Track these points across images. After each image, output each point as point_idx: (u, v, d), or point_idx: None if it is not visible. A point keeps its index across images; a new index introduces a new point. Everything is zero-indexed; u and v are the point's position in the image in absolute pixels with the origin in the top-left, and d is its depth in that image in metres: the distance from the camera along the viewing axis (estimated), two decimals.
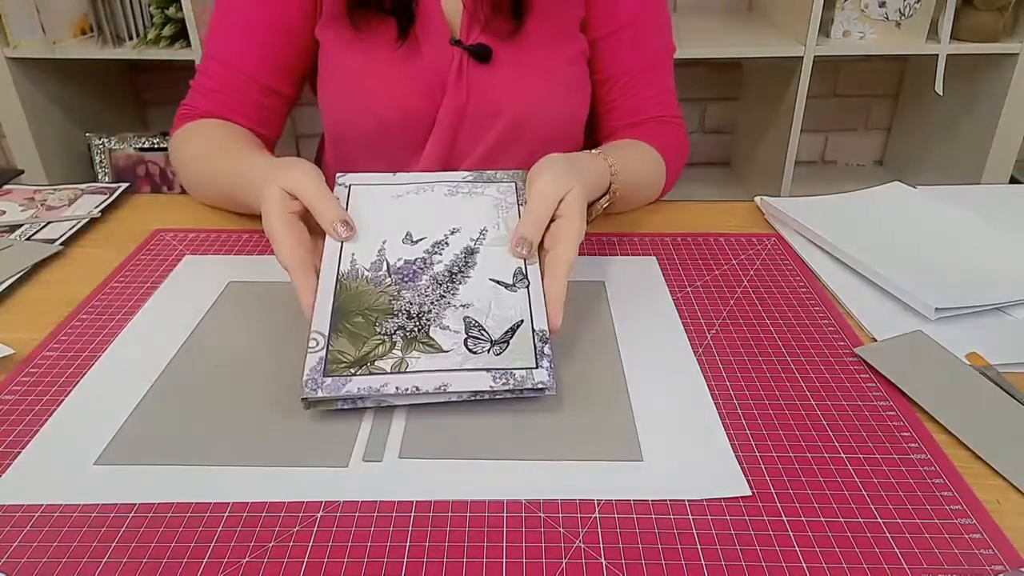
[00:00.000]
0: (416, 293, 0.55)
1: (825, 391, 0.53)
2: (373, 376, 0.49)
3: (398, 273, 0.56)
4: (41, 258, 0.70)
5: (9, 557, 0.40)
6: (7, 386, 0.53)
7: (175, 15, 1.62)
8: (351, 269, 0.56)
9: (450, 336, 0.52)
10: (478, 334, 0.52)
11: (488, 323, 0.53)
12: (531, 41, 0.80)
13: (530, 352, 0.51)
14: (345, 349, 0.51)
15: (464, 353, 0.51)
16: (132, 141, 1.87)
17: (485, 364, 0.50)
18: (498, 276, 0.56)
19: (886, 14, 1.65)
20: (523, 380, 0.50)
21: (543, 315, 0.53)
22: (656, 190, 0.81)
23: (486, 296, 0.55)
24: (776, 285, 0.66)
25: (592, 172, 0.65)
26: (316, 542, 0.41)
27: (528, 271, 0.56)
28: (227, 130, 0.79)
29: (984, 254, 0.69)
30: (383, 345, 0.51)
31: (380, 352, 0.51)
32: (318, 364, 0.50)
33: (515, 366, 0.50)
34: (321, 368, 0.50)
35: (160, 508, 0.43)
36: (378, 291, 0.55)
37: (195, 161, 0.78)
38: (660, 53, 0.85)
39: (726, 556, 0.40)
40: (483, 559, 0.40)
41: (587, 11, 0.82)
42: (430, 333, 0.52)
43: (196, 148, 0.79)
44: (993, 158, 1.71)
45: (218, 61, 0.81)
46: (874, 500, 0.44)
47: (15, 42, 1.67)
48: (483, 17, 0.79)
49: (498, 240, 0.59)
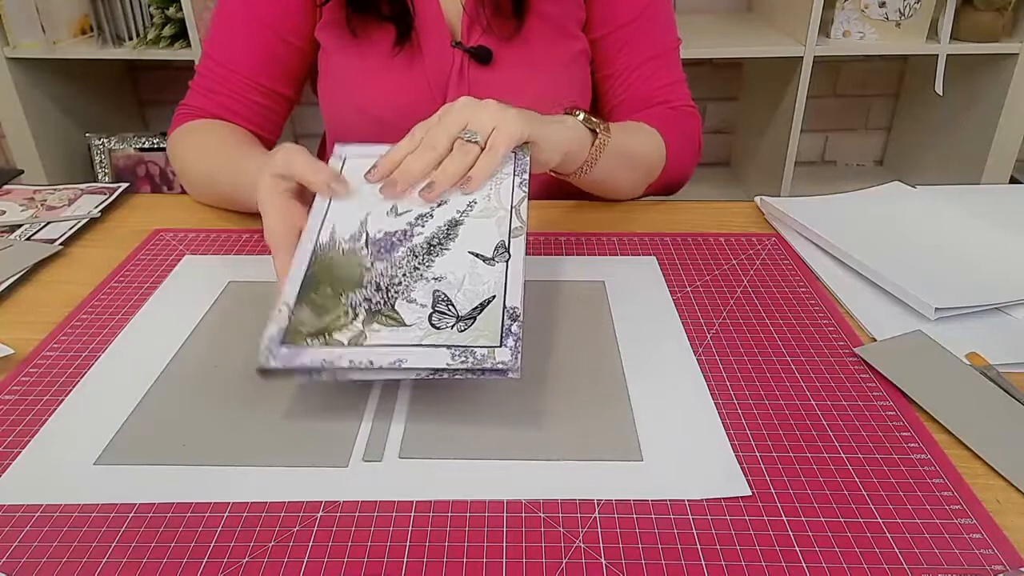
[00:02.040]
0: (389, 264, 0.54)
1: (825, 391, 0.53)
2: (328, 348, 0.48)
3: (375, 244, 0.55)
4: (41, 258, 0.70)
5: (9, 557, 0.40)
6: (7, 386, 0.53)
7: (175, 15, 1.62)
8: (329, 240, 0.55)
9: (415, 310, 0.51)
10: (445, 309, 0.51)
11: (458, 297, 0.51)
12: (531, 42, 0.80)
13: (496, 330, 0.49)
14: (306, 320, 0.50)
15: (426, 328, 0.49)
16: (132, 141, 1.87)
17: (445, 340, 0.48)
18: (478, 249, 0.55)
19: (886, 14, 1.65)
20: (483, 359, 0.47)
21: (518, 292, 0.51)
22: (648, 164, 0.79)
23: (461, 270, 0.53)
24: (776, 285, 0.66)
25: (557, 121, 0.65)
26: (316, 542, 0.41)
27: (511, 245, 0.54)
28: (225, 131, 0.79)
29: (984, 254, 0.69)
30: (344, 317, 0.50)
31: (340, 324, 0.50)
32: (277, 333, 0.49)
33: (478, 344, 0.48)
34: (279, 337, 0.49)
35: (160, 508, 0.43)
36: (352, 262, 0.54)
37: (194, 165, 0.79)
38: (663, 44, 0.84)
39: (726, 556, 0.40)
40: (483, 559, 0.40)
41: (587, 11, 0.82)
42: (395, 306, 0.51)
43: (195, 150, 0.79)
44: (993, 158, 1.71)
45: (217, 62, 0.81)
46: (874, 500, 0.44)
47: (15, 42, 1.67)
48: (484, 19, 0.79)
49: (486, 211, 0.57)
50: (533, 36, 0.80)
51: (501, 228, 0.56)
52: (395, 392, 0.52)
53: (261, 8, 0.79)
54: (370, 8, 0.77)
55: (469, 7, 0.79)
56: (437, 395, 0.52)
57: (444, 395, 0.52)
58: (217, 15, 0.82)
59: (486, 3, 0.78)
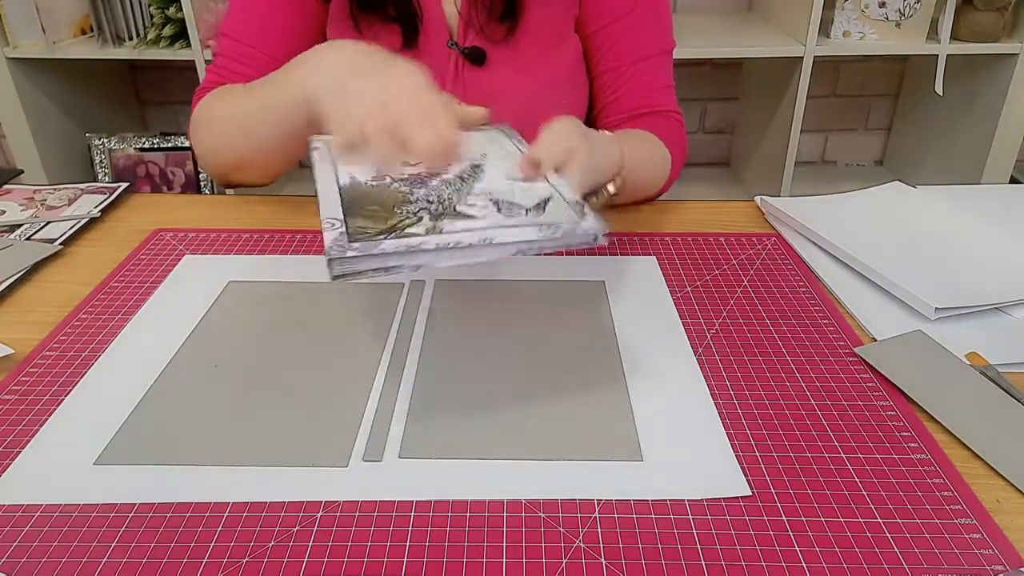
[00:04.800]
0: (428, 190, 0.50)
1: (825, 391, 0.53)
2: (407, 238, 0.43)
3: (403, 182, 0.51)
4: (41, 258, 0.70)
5: (9, 557, 0.40)
6: (7, 386, 0.53)
7: (175, 15, 1.62)
8: (351, 180, 0.51)
9: (480, 209, 0.47)
10: (510, 206, 0.48)
11: (516, 198, 0.49)
12: (525, 43, 0.80)
13: (570, 212, 0.47)
14: (368, 226, 0.44)
15: (499, 217, 0.46)
16: (132, 141, 1.87)
17: (529, 221, 0.46)
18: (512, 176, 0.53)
19: (886, 14, 1.64)
20: (571, 229, 0.45)
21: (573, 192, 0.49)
22: (659, 184, 0.81)
23: (505, 187, 0.51)
24: (776, 285, 0.66)
25: (602, 147, 0.64)
26: (316, 542, 0.41)
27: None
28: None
29: (984, 254, 0.69)
30: (410, 219, 0.46)
31: (409, 224, 0.45)
32: (340, 236, 0.43)
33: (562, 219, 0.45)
34: (345, 238, 0.43)
35: (160, 508, 0.43)
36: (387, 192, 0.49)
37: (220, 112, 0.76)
38: (656, 46, 0.84)
39: (726, 556, 0.40)
40: (483, 559, 0.40)
41: (580, 7, 0.82)
42: (457, 208, 0.47)
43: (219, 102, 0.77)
44: (993, 158, 1.71)
45: (235, 40, 0.80)
46: (874, 500, 0.44)
47: (15, 42, 1.67)
48: (478, 21, 0.79)
49: (504, 156, 0.56)
50: (528, 38, 0.80)
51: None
52: (395, 392, 0.52)
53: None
54: (376, 8, 0.77)
55: (464, 10, 0.79)
56: (437, 395, 0.52)
57: (444, 395, 0.52)
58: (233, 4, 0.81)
59: (480, 6, 0.78)
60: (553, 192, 0.50)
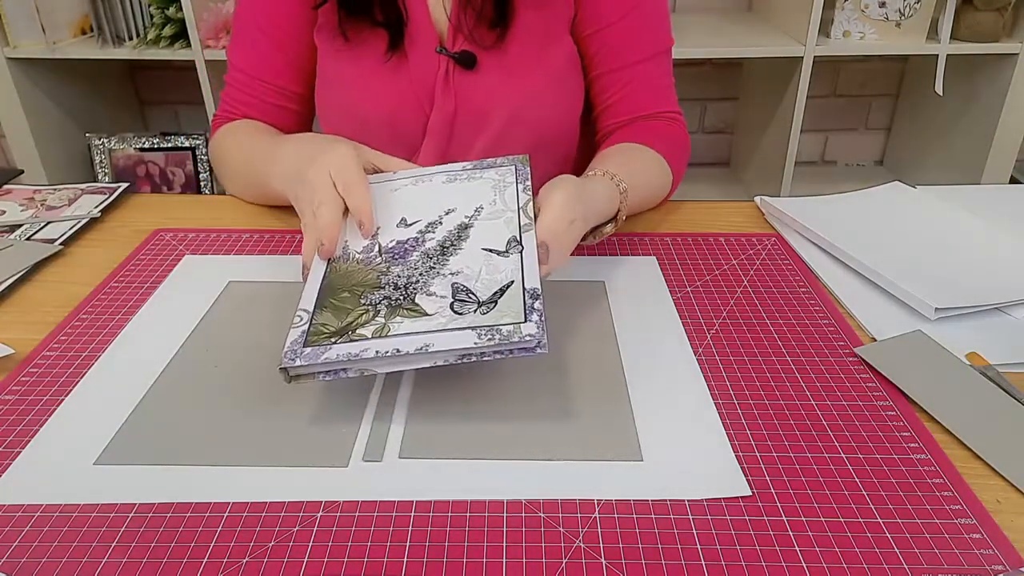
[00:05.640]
0: (405, 267, 0.54)
1: (825, 391, 0.53)
2: (353, 343, 0.48)
3: (389, 252, 0.56)
4: (41, 258, 0.70)
5: (9, 557, 0.40)
6: (7, 386, 0.53)
7: (175, 15, 1.62)
8: (343, 253, 0.57)
9: (435, 301, 0.51)
10: (465, 297, 0.50)
11: (476, 286, 0.51)
12: (516, 46, 0.79)
13: (519, 309, 0.48)
14: (328, 322, 0.50)
15: (449, 315, 0.49)
16: (132, 141, 1.87)
17: (469, 323, 0.48)
18: (491, 245, 0.55)
19: (886, 14, 1.64)
20: (510, 335, 0.46)
21: (535, 275, 0.51)
22: (660, 198, 0.81)
23: (477, 264, 0.54)
24: (776, 285, 0.66)
25: (602, 198, 0.66)
26: (316, 542, 0.41)
27: (523, 237, 0.55)
28: (254, 127, 0.83)
29: (984, 254, 0.69)
30: (366, 314, 0.50)
31: (363, 320, 0.50)
32: (299, 337, 0.49)
33: (502, 323, 0.48)
34: (302, 340, 0.49)
35: (160, 508, 0.43)
36: (368, 269, 0.55)
37: (233, 159, 0.82)
38: (655, 47, 0.83)
39: (726, 556, 0.40)
40: (483, 559, 0.40)
41: (576, 9, 0.81)
42: (416, 300, 0.51)
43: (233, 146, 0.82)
44: (993, 158, 1.71)
45: (239, 69, 0.84)
46: (874, 500, 0.44)
47: (15, 42, 1.67)
48: (467, 27, 0.78)
49: (493, 214, 0.58)
50: (519, 41, 0.79)
51: (510, 226, 0.56)
52: (395, 392, 0.52)
53: (268, 15, 0.81)
54: (363, 13, 0.77)
55: (453, 15, 0.79)
56: (437, 395, 0.52)
57: (444, 395, 0.52)
58: (236, 21, 0.84)
59: (469, 12, 0.78)
60: (517, 278, 0.51)
